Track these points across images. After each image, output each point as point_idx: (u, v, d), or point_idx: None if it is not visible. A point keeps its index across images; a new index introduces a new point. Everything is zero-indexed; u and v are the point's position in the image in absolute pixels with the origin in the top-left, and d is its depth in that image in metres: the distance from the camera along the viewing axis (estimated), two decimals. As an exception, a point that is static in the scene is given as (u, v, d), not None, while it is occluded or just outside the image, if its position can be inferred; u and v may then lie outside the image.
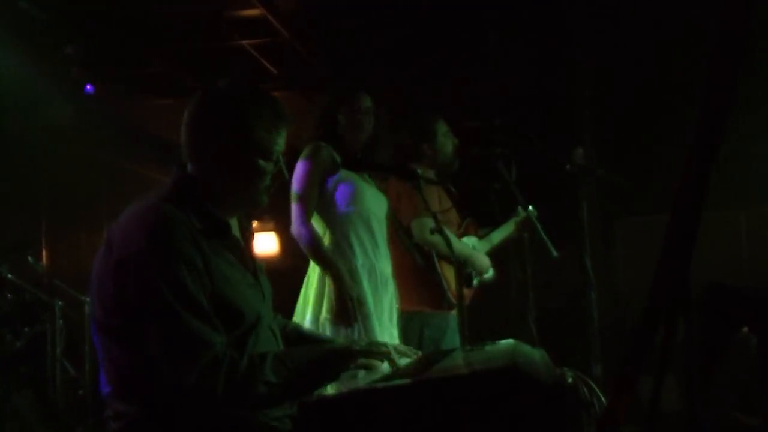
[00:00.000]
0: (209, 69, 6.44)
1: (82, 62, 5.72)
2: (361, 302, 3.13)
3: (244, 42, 6.06)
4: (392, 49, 6.24)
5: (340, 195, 3.27)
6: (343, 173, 3.28)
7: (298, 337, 2.28)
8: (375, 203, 3.36)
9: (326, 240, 3.24)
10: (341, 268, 3.14)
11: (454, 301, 3.68)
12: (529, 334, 3.86)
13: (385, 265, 3.34)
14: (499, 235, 4.13)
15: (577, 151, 4.07)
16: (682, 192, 1.41)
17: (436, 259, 3.71)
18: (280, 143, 2.04)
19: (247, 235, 2.14)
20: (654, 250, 1.46)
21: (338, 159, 3.28)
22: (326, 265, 3.15)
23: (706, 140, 1.39)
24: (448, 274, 3.75)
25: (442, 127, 4.00)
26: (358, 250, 3.25)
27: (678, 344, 1.43)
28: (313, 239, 3.17)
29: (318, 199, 3.24)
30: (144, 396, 1.82)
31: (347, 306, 3.09)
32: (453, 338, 3.68)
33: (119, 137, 7.25)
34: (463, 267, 2.87)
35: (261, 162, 2.01)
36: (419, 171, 2.95)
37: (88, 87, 6.08)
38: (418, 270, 3.72)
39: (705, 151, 1.39)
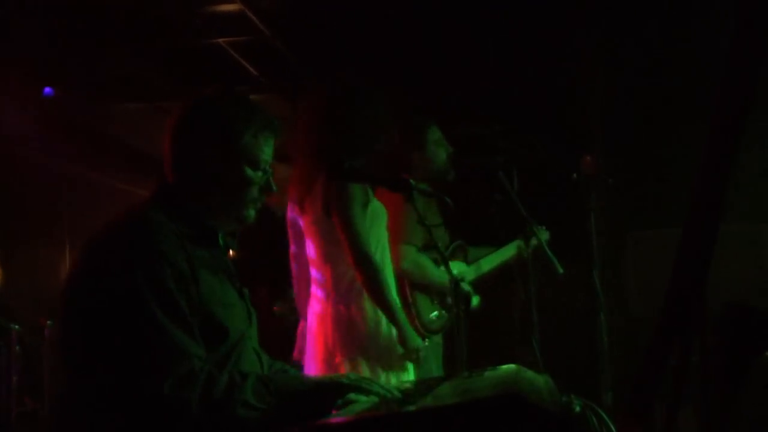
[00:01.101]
0: (182, 70, 6.44)
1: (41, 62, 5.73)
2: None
3: (221, 40, 6.07)
4: (382, 48, 6.26)
5: (373, 222, 3.24)
6: (370, 194, 3.25)
7: (284, 375, 2.28)
8: (384, 216, 3.36)
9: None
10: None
11: (423, 330, 3.71)
12: (533, 358, 3.86)
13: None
14: (492, 261, 4.15)
15: (585, 159, 4.10)
16: (696, 203, 1.43)
17: (408, 287, 3.74)
18: (268, 152, 2.10)
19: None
20: (670, 266, 1.47)
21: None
22: (394, 311, 3.14)
23: (722, 147, 1.42)
24: (422, 302, 3.78)
25: (435, 134, 4.01)
26: (391, 283, 3.26)
27: (694, 369, 1.45)
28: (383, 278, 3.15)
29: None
30: (115, 411, 1.83)
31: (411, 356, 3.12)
32: (428, 367, 3.71)
33: (82, 144, 7.25)
34: (459, 286, 2.87)
35: (248, 171, 2.06)
36: (412, 182, 2.97)
37: (47, 89, 6.07)
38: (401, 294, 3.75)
39: (721, 160, 1.41)
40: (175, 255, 1.88)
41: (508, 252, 4.13)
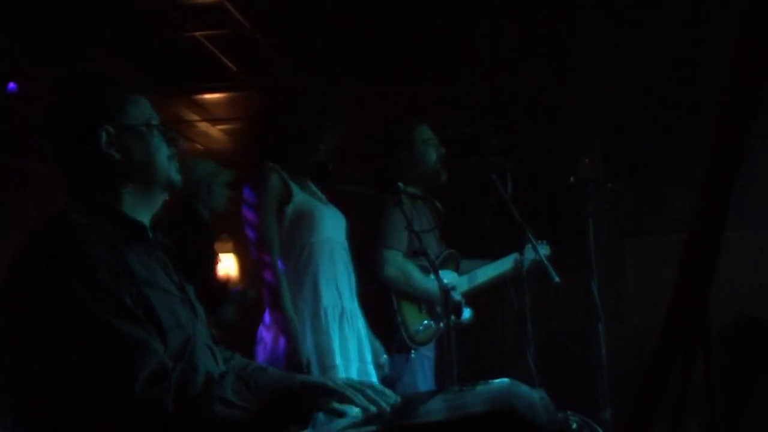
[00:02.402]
0: (157, 65, 6.42)
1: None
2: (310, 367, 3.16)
3: (198, 33, 6.06)
4: (371, 44, 6.26)
5: (298, 224, 3.28)
6: (298, 197, 3.30)
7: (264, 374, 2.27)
8: (335, 227, 3.39)
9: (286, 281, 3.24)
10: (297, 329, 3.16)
11: (410, 343, 3.72)
12: (527, 372, 3.86)
13: (352, 299, 3.37)
14: (488, 273, 4.16)
15: (582, 161, 4.10)
16: (700, 208, 1.43)
17: (393, 296, 3.74)
18: (147, 110, 2.11)
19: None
20: (672, 275, 1.47)
21: (289, 180, 3.30)
22: (288, 322, 3.15)
23: (727, 149, 1.42)
24: (408, 312, 3.78)
25: (425, 133, 4.02)
26: (323, 288, 3.27)
27: (698, 385, 1.45)
28: (281, 288, 3.17)
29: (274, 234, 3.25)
30: (86, 425, 1.80)
31: (301, 368, 3.12)
32: (414, 380, 3.72)
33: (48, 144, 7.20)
34: (449, 296, 2.87)
35: (147, 134, 2.07)
36: (401, 185, 2.97)
37: (11, 85, 6.04)
38: (372, 305, 3.75)
39: (726, 162, 1.42)
40: (105, 255, 1.87)
41: (504, 265, 4.14)
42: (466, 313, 3.95)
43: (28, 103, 6.26)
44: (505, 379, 2.14)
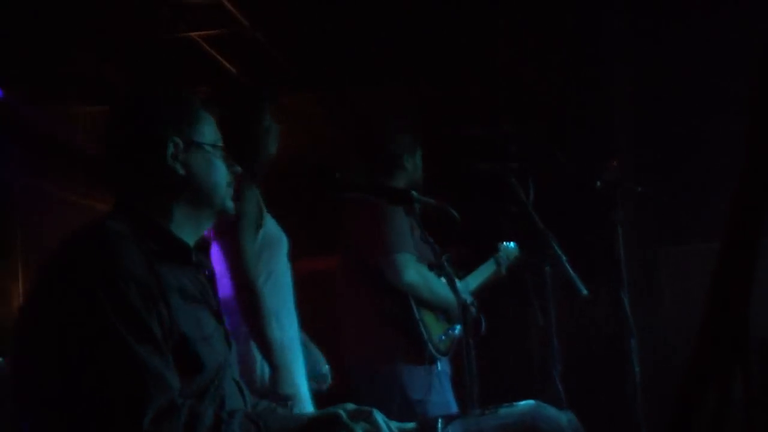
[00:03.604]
0: (149, 68, 6.44)
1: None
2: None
3: (194, 34, 6.08)
4: (379, 40, 6.27)
5: (266, 251, 3.33)
6: (268, 222, 3.34)
7: (273, 414, 2.30)
8: (281, 245, 3.42)
9: None
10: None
11: (436, 353, 3.74)
12: (555, 392, 3.86)
13: (296, 329, 3.39)
14: (477, 278, 4.19)
15: (609, 164, 4.11)
16: (735, 213, 1.44)
17: (413, 304, 3.76)
18: (215, 131, 2.20)
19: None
20: (708, 286, 1.47)
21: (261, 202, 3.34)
22: (271, 348, 3.17)
23: (763, 150, 1.42)
24: (427, 320, 3.80)
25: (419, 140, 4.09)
26: (285, 321, 3.32)
27: (736, 406, 1.45)
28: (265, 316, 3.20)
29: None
30: None
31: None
32: (444, 397, 3.73)
33: (35, 153, 7.24)
34: (468, 311, 2.89)
35: (213, 154, 2.15)
36: (414, 194, 2.98)
37: (-1, 92, 6.09)
38: (389, 318, 3.76)
39: (763, 164, 1.42)
40: (141, 272, 1.90)
41: (488, 269, 4.18)
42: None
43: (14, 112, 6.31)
44: (531, 401, 2.14)
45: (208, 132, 2.18)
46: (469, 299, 4.02)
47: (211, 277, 2.19)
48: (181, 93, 2.22)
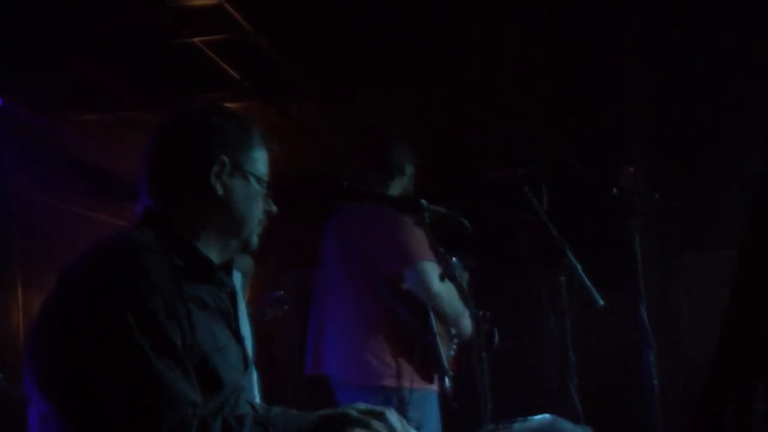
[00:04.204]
0: (150, 75, 6.46)
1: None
2: None
3: (196, 39, 6.10)
4: (384, 46, 6.28)
5: None
6: None
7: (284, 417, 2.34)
8: None
9: None
10: None
11: (449, 370, 3.73)
12: (571, 406, 3.87)
13: None
14: None
15: (625, 171, 4.11)
16: (755, 219, 1.44)
17: (432, 316, 3.76)
18: (265, 167, 2.25)
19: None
20: (728, 295, 1.48)
21: None
22: None
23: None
24: (441, 335, 3.80)
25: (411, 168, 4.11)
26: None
27: (759, 417, 1.45)
28: None
29: None
30: None
31: None
32: (435, 419, 3.73)
33: (34, 162, 7.27)
34: (482, 323, 2.89)
35: (255, 186, 2.19)
36: (423, 202, 2.99)
37: (-1, 100, 6.11)
38: (403, 332, 3.76)
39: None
40: (167, 285, 1.94)
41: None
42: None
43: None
44: (547, 415, 2.15)
45: (259, 164, 2.22)
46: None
47: (233, 297, 2.21)
48: (244, 119, 2.25)
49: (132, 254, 1.96)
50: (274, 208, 2.28)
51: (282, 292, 4.58)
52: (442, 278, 2.96)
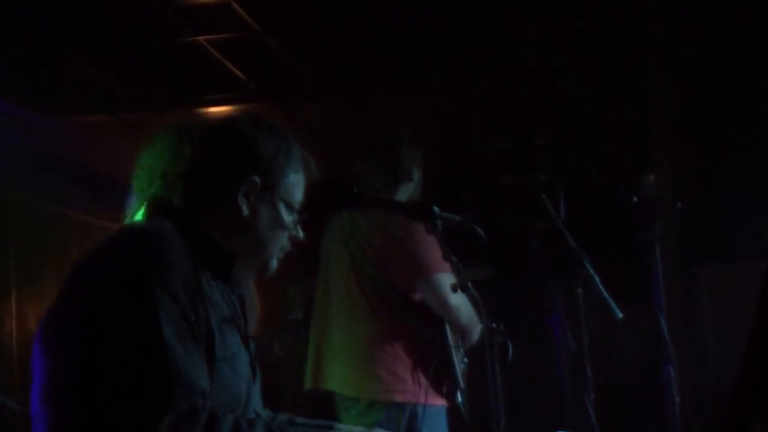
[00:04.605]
0: (152, 75, 6.48)
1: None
2: None
3: (201, 38, 6.11)
4: (396, 45, 6.28)
5: None
6: None
7: (294, 426, 2.37)
8: None
9: None
10: None
11: (463, 385, 3.72)
12: (587, 423, 3.86)
13: None
14: None
15: (647, 178, 4.10)
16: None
17: (448, 330, 3.75)
18: (301, 194, 2.27)
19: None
20: (754, 308, 1.47)
21: None
22: None
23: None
24: (454, 349, 3.80)
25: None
26: None
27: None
28: None
29: None
30: None
31: None
32: None
33: (31, 166, 7.28)
34: (495, 336, 2.89)
35: (284, 213, 2.21)
36: (436, 210, 2.99)
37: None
38: (417, 345, 3.75)
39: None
40: (187, 268, 1.97)
41: None
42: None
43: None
44: (561, 432, 2.15)
45: (293, 189, 2.25)
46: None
47: (243, 304, 2.22)
48: (288, 140, 2.27)
49: (154, 236, 2.00)
50: (301, 235, 2.30)
51: (300, 315, 4.50)
52: (454, 289, 2.95)
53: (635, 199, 4.03)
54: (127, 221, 3.53)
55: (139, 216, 3.42)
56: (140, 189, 3.50)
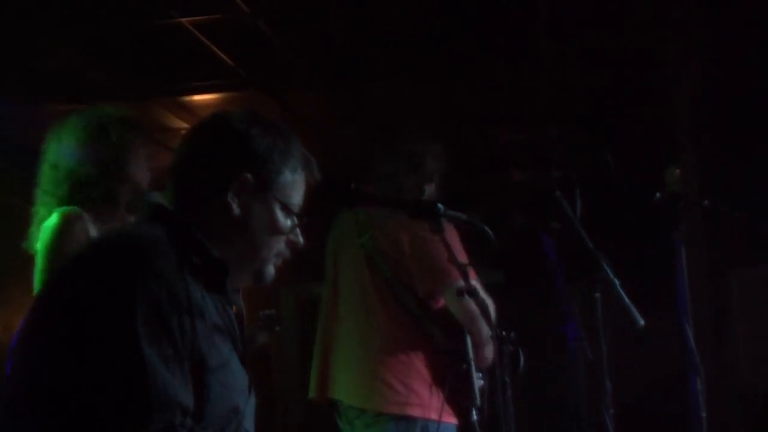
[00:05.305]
0: (135, 61, 6.47)
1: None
2: None
3: (185, 20, 6.09)
4: (401, 30, 6.27)
5: None
6: None
7: None
8: None
9: None
10: None
11: (479, 400, 3.71)
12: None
13: None
14: None
15: (672, 173, 4.10)
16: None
17: (468, 340, 3.73)
18: (300, 196, 2.27)
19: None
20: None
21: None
22: None
23: None
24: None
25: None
26: None
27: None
28: None
29: None
30: None
31: None
32: None
33: (6, 160, 7.28)
34: (505, 341, 2.88)
35: (280, 216, 2.20)
36: (440, 207, 2.97)
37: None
38: (434, 356, 3.74)
39: None
40: (173, 276, 1.96)
41: None
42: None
43: None
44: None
45: (290, 191, 2.24)
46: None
47: (240, 317, 2.21)
48: (287, 136, 2.25)
49: (140, 241, 2.00)
50: (300, 240, 2.29)
51: (273, 311, 4.55)
52: (460, 293, 2.93)
53: (658, 195, 4.03)
54: (35, 223, 3.57)
55: (50, 219, 3.47)
56: (45, 190, 3.54)
